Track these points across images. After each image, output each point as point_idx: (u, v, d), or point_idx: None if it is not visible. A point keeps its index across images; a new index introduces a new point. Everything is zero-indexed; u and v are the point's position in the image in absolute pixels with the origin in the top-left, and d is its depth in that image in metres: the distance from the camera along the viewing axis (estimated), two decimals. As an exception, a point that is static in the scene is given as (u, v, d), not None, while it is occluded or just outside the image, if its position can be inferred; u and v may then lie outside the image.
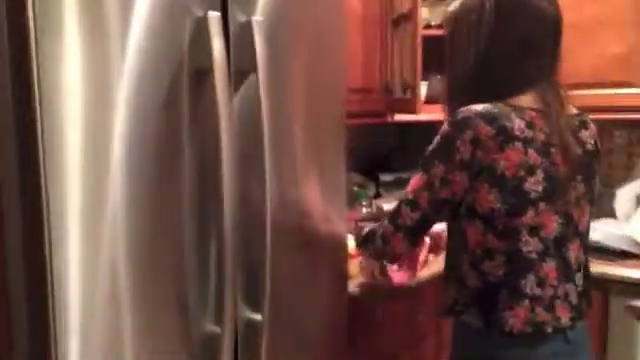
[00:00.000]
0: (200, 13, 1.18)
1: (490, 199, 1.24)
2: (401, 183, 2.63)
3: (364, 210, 2.26)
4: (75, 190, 1.03)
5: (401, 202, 1.37)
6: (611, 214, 2.34)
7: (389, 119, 2.37)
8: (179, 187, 1.19)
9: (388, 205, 2.20)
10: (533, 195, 1.24)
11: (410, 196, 1.35)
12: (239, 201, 1.24)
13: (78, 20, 1.01)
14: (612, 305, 1.96)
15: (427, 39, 2.14)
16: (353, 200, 2.27)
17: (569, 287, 1.30)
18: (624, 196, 2.30)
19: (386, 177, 2.64)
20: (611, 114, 2.20)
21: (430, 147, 1.32)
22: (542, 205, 1.25)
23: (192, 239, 1.21)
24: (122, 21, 1.07)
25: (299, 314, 1.50)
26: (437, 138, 1.30)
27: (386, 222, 1.40)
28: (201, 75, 1.19)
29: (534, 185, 1.24)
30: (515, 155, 1.23)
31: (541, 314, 1.26)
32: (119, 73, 1.07)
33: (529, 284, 1.26)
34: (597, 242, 2.08)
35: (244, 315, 1.32)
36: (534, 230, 1.25)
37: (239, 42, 1.27)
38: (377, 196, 2.58)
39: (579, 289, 1.32)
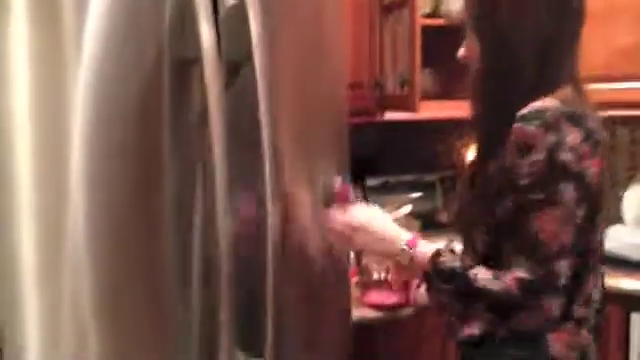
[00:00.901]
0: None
1: (577, 214, 1.08)
2: (389, 188, 2.44)
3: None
4: (25, 213, 0.89)
5: (547, 261, 1.06)
6: (618, 219, 2.21)
7: (378, 117, 2.18)
8: (157, 207, 1.00)
9: (390, 215, 2.02)
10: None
11: (554, 246, 1.06)
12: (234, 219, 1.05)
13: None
14: (633, 321, 1.80)
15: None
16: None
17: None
18: (632, 199, 2.17)
19: (372, 181, 2.45)
20: (618, 110, 2.05)
21: (528, 168, 1.06)
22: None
23: (175, 272, 1.03)
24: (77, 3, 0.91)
25: (301, 353, 1.29)
26: (536, 152, 1.05)
27: (542, 298, 1.07)
28: (183, 68, 1.02)
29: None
30: (598, 162, 1.09)
31: (584, 337, 1.14)
32: (75, 65, 0.91)
33: (579, 305, 1.13)
34: (610, 251, 1.92)
35: (241, 364, 1.10)
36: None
37: (230, 28, 1.09)
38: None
39: (596, 306, 1.20)
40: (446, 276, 1.13)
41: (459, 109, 2.32)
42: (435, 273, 1.15)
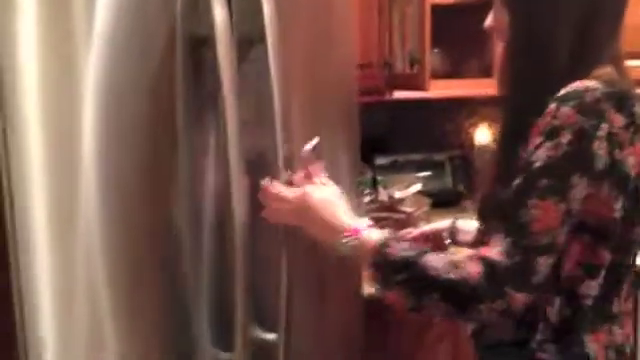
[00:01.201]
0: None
1: (613, 207, 0.99)
2: (398, 167, 2.45)
3: (366, 199, 2.05)
4: (39, 193, 0.88)
5: (528, 251, 0.95)
6: None
7: (387, 96, 2.17)
8: (171, 187, 1.01)
9: (400, 192, 2.02)
10: None
11: (544, 240, 0.95)
12: (250, 203, 1.05)
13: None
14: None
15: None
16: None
17: None
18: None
19: (381, 160, 2.45)
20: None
21: (550, 150, 0.95)
22: None
23: (189, 249, 1.03)
24: None
25: (313, 329, 1.30)
26: (563, 135, 0.94)
27: (508, 287, 0.94)
28: (196, 45, 1.01)
29: None
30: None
31: (618, 334, 1.07)
32: (86, 43, 0.89)
33: (616, 302, 1.06)
34: None
35: (257, 336, 1.11)
36: None
37: (243, 6, 1.07)
38: (373, 182, 2.39)
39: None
40: (398, 266, 1.00)
41: (468, 88, 2.35)
42: (385, 264, 1.02)
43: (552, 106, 0.96)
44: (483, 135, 2.48)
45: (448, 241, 1.43)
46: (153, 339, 1.01)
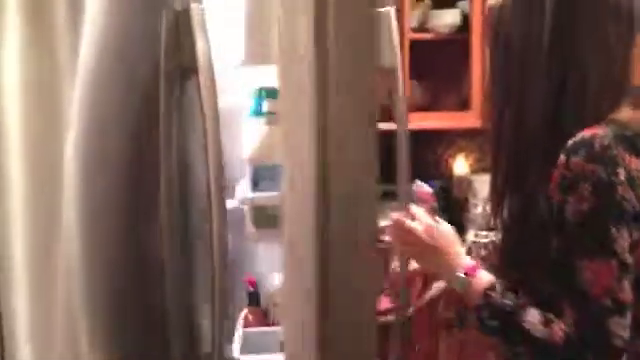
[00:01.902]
0: (179, 6, 1.00)
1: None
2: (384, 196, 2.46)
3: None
4: (18, 228, 0.88)
5: (597, 317, 0.95)
6: None
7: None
8: (152, 223, 0.98)
9: (381, 222, 2.02)
10: None
11: (607, 301, 0.94)
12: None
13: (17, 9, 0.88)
14: None
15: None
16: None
17: None
18: None
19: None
20: None
21: (574, 206, 0.95)
22: None
23: (171, 281, 0.99)
24: (71, 13, 0.92)
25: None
26: (583, 187, 0.94)
27: (590, 357, 0.95)
28: (178, 76, 1.01)
29: None
30: None
31: None
32: (70, 76, 0.90)
33: None
34: None
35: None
36: None
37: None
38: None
39: None
40: (495, 312, 1.04)
41: (446, 120, 2.39)
42: (486, 307, 1.06)
43: (562, 158, 0.96)
44: (461, 166, 2.52)
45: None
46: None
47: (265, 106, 1.26)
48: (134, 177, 0.97)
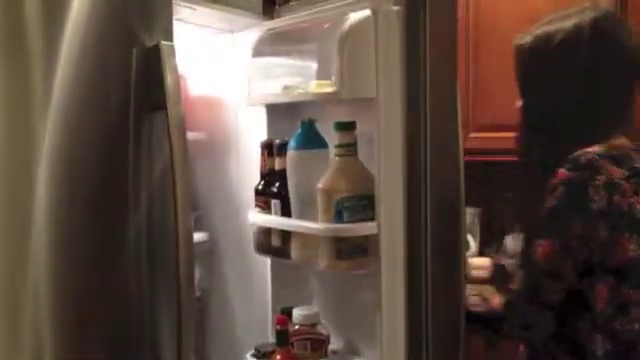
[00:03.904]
0: (150, 42, 1.03)
1: (630, 248, 1.14)
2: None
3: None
4: None
5: (533, 275, 1.21)
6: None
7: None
8: (121, 253, 1.01)
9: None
10: None
11: (545, 266, 1.17)
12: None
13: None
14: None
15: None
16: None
17: None
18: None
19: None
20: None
21: (551, 202, 1.16)
22: None
23: (138, 299, 1.02)
24: (47, 52, 0.93)
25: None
26: (559, 189, 1.14)
27: (522, 303, 1.22)
28: (147, 109, 1.04)
29: None
30: None
31: None
32: (43, 109, 0.92)
33: None
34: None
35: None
36: None
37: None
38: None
39: None
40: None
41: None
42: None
43: (554, 171, 1.16)
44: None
45: None
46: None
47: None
48: (103, 203, 0.99)
